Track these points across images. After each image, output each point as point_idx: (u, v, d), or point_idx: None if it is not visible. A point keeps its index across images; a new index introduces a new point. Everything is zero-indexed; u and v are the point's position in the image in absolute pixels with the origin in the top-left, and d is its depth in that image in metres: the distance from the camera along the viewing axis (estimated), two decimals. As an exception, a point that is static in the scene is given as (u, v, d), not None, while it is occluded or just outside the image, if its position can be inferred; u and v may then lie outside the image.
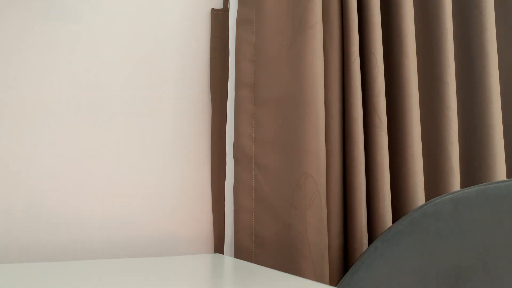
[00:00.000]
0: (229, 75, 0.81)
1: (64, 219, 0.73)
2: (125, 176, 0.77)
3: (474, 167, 0.93)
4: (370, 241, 0.78)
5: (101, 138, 0.76)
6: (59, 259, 0.72)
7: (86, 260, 0.64)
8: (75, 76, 0.76)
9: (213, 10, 0.86)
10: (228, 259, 0.66)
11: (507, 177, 1.03)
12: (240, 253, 0.75)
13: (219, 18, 0.85)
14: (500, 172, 0.91)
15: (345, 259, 0.78)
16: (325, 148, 0.76)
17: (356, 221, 0.75)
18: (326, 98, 0.79)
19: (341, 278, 0.75)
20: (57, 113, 0.74)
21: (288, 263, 0.72)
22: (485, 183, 0.61)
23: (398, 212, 0.83)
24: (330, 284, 0.75)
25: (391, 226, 0.68)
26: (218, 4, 0.87)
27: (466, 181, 0.94)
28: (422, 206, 0.66)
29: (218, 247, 0.81)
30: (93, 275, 0.51)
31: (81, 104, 0.76)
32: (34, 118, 0.73)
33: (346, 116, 0.79)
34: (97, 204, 0.75)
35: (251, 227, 0.75)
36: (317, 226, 0.72)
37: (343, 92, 0.80)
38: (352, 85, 0.78)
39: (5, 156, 0.70)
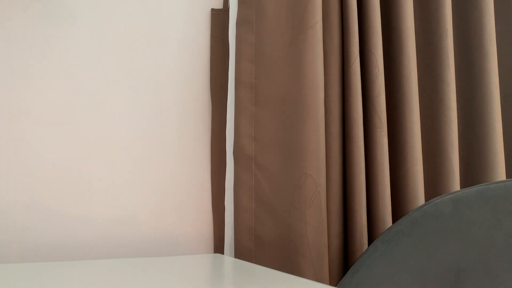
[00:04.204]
0: (229, 75, 0.81)
1: (64, 219, 0.73)
2: (125, 176, 0.77)
3: (474, 167, 0.93)
4: (370, 241, 0.78)
5: (101, 138, 0.76)
6: (59, 259, 0.72)
7: (86, 260, 0.64)
8: (75, 76, 0.76)
9: (213, 10, 0.86)
10: (228, 259, 0.66)
11: (507, 177, 1.03)
12: (240, 253, 0.75)
13: (219, 18, 0.85)
14: (500, 172, 0.91)
15: (345, 259, 0.78)
16: (325, 148, 0.76)
17: (356, 221, 0.75)
18: (326, 98, 0.79)
19: (341, 278, 0.75)
20: (57, 113, 0.74)
21: (288, 263, 0.72)
22: (485, 183, 0.61)
23: (398, 212, 0.83)
24: (330, 284, 0.75)
25: (391, 226, 0.68)
26: (218, 4, 0.87)
27: (466, 181, 0.94)
28: (422, 206, 0.66)
29: (218, 247, 0.81)
30: (93, 275, 0.51)
31: (81, 103, 0.76)
32: (34, 118, 0.73)
33: (346, 116, 0.79)
34: (97, 204, 0.75)
35: (251, 227, 0.75)
36: (317, 226, 0.72)
37: (343, 92, 0.80)
38: (352, 85, 0.78)
39: (5, 156, 0.70)
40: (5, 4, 0.72)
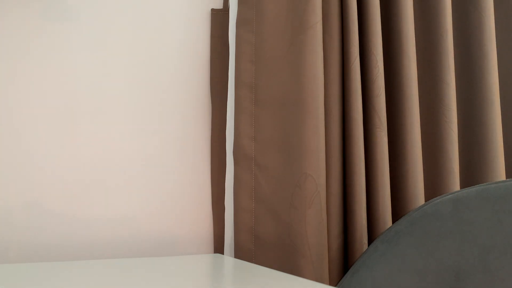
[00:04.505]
0: (229, 75, 0.81)
1: (64, 219, 0.73)
2: (125, 176, 0.77)
3: (474, 167, 0.93)
4: (370, 241, 0.78)
5: (101, 138, 0.76)
6: (59, 259, 0.72)
7: (86, 260, 0.64)
8: (75, 76, 0.76)
9: (213, 10, 0.86)
10: (228, 259, 0.66)
11: (507, 177, 1.03)
12: (240, 253, 0.75)
13: (219, 18, 0.85)
14: (500, 172, 0.91)
15: (345, 259, 0.78)
16: (325, 148, 0.76)
17: (356, 221, 0.75)
18: (326, 98, 0.79)
19: (341, 278, 0.75)
20: (57, 113, 0.74)
21: (288, 263, 0.72)
22: (485, 183, 0.61)
23: (398, 212, 0.83)
24: (330, 284, 0.75)
25: (391, 226, 0.68)
26: (218, 4, 0.87)
27: (466, 181, 0.94)
28: (422, 206, 0.66)
29: (218, 247, 0.81)
30: (93, 275, 0.51)
31: (81, 103, 0.76)
32: (34, 118, 0.73)
33: (346, 116, 0.79)
34: (97, 204, 0.75)
35: (251, 227, 0.75)
36: (317, 226, 0.72)
37: (343, 92, 0.80)
38: (352, 85, 0.78)
39: (5, 156, 0.70)
40: (4, 3, 0.72)
